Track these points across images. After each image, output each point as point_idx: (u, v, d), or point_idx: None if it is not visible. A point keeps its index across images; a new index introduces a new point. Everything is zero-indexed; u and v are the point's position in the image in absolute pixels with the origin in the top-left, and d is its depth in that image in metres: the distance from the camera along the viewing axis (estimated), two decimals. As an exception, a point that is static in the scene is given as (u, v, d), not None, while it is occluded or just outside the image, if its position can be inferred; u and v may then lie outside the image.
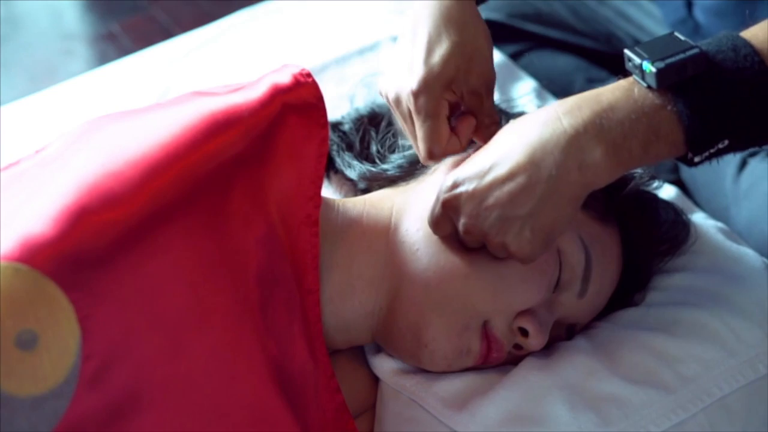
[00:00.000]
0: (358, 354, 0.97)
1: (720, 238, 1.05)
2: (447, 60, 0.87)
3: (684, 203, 1.13)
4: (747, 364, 0.90)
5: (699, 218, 1.09)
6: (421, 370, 0.91)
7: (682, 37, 0.80)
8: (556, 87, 1.31)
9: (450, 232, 0.86)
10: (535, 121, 0.80)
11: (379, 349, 0.95)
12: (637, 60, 0.78)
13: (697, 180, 1.29)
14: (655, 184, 1.01)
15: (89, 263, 0.73)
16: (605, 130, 0.78)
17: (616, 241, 0.95)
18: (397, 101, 0.90)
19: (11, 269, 0.71)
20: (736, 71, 0.77)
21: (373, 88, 1.20)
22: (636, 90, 0.79)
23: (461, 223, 0.83)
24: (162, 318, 0.75)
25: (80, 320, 0.72)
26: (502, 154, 0.81)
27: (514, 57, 1.41)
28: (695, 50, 0.78)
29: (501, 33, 1.41)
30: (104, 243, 0.73)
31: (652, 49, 0.79)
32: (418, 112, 0.87)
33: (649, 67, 0.77)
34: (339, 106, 1.14)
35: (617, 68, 1.48)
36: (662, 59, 0.77)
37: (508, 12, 1.48)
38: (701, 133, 0.77)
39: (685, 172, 1.31)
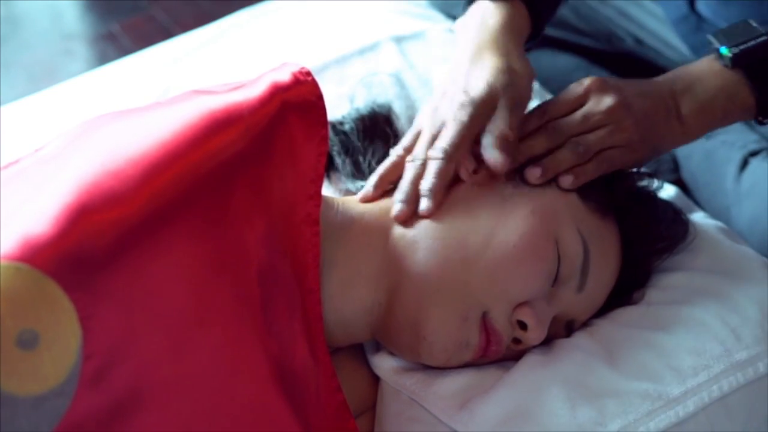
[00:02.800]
0: (359, 353, 0.97)
1: (720, 237, 1.05)
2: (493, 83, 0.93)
3: (685, 203, 1.13)
4: (747, 364, 0.90)
5: (699, 218, 1.09)
6: (422, 369, 0.91)
7: (754, 24, 0.99)
8: (555, 86, 1.31)
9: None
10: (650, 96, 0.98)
11: (379, 348, 0.95)
12: (716, 44, 0.99)
13: (698, 180, 1.29)
14: (655, 183, 1.02)
15: (90, 263, 0.73)
16: (695, 96, 0.99)
17: (615, 237, 0.95)
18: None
19: (12, 269, 0.71)
20: None
21: (374, 88, 1.20)
22: (716, 65, 1.00)
23: (599, 108, 0.95)
24: (163, 317, 0.75)
25: (81, 320, 0.72)
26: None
27: (515, 56, 1.41)
28: (764, 38, 0.98)
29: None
30: (105, 242, 0.73)
31: (730, 34, 0.99)
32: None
33: (726, 51, 0.98)
34: (339, 106, 1.14)
35: (618, 67, 1.49)
36: (736, 45, 0.98)
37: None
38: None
39: (686, 171, 1.31)
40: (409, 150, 0.96)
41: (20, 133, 1.25)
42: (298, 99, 0.87)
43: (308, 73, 0.89)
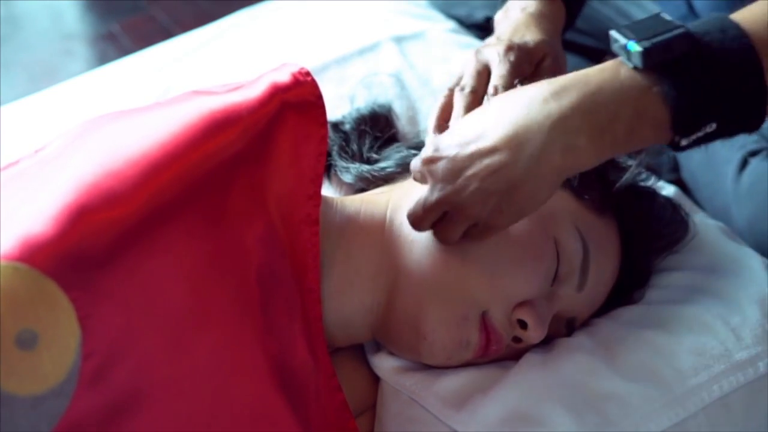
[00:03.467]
0: (359, 353, 0.97)
1: (720, 237, 1.05)
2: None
3: (685, 203, 1.13)
4: (747, 363, 0.91)
5: (699, 218, 1.09)
6: (422, 369, 0.91)
7: (668, 17, 0.79)
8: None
9: (430, 225, 0.87)
10: (522, 98, 0.80)
11: (379, 348, 0.95)
12: (622, 40, 0.78)
13: (698, 179, 1.29)
14: (653, 180, 1.02)
15: (89, 262, 0.73)
16: (591, 114, 0.77)
17: (615, 235, 0.95)
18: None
19: (11, 269, 0.71)
20: (724, 52, 0.76)
21: (374, 88, 1.20)
22: (622, 71, 0.78)
23: (437, 188, 0.84)
24: (162, 317, 0.75)
25: (80, 319, 0.72)
26: (486, 127, 0.81)
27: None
28: (681, 29, 0.77)
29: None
30: (104, 242, 0.73)
31: (638, 29, 0.78)
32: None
33: (634, 47, 0.77)
34: (339, 106, 1.14)
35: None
36: (648, 38, 0.77)
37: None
38: (687, 114, 0.76)
39: (686, 171, 1.31)
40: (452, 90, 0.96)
41: (20, 133, 1.25)
42: (298, 99, 0.87)
43: (308, 74, 0.89)
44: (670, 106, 0.76)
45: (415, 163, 0.87)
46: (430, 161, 0.84)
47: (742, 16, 0.79)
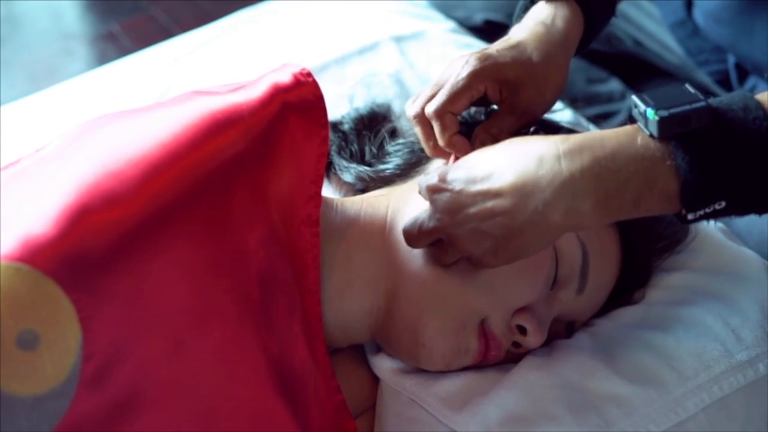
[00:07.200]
0: (359, 354, 0.97)
1: (720, 238, 1.05)
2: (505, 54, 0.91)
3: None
4: (747, 364, 0.90)
5: (699, 218, 1.09)
6: (421, 370, 0.91)
7: (692, 90, 0.77)
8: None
9: (426, 243, 0.86)
10: (536, 149, 0.79)
11: (379, 349, 0.95)
12: (642, 107, 0.76)
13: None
14: None
15: (90, 263, 0.73)
16: (601, 180, 0.76)
17: (614, 238, 0.95)
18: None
19: (12, 269, 0.71)
20: (743, 132, 0.74)
21: (373, 88, 1.20)
22: (639, 138, 0.76)
23: (436, 218, 0.84)
24: (162, 318, 0.75)
25: (81, 320, 0.72)
26: (496, 170, 0.80)
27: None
28: (702, 103, 0.75)
29: (501, 33, 1.41)
30: (105, 243, 0.73)
31: (660, 97, 0.77)
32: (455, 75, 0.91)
33: (652, 115, 0.75)
34: (339, 106, 1.14)
35: (617, 68, 1.48)
36: (667, 108, 0.75)
37: (507, 12, 1.48)
38: (696, 190, 0.74)
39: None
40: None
41: (20, 133, 1.25)
42: (299, 100, 0.87)
43: (309, 74, 0.89)
44: (680, 179, 0.74)
45: (421, 185, 0.86)
46: (435, 190, 0.84)
47: (766, 99, 0.77)
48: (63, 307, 0.72)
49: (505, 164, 0.80)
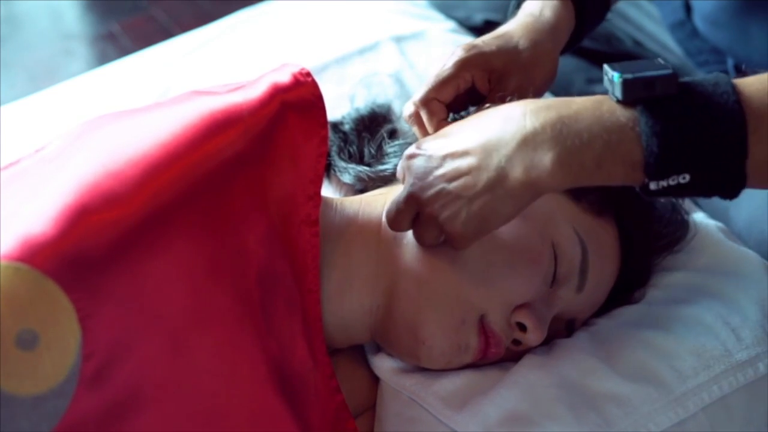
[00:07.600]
0: (358, 354, 0.97)
1: (720, 237, 1.05)
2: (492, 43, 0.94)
3: (684, 203, 1.13)
4: (747, 364, 0.91)
5: (699, 218, 1.09)
6: (421, 369, 0.91)
7: (662, 62, 0.78)
8: (555, 87, 1.31)
9: (406, 226, 0.87)
10: (505, 111, 0.81)
11: (378, 349, 0.95)
12: (610, 73, 0.77)
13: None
14: None
15: (90, 263, 0.73)
16: (563, 136, 0.76)
17: (614, 236, 0.95)
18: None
19: (11, 269, 0.71)
20: (709, 104, 0.74)
21: (373, 88, 1.20)
22: (606, 104, 0.77)
23: (408, 184, 0.85)
24: (162, 317, 0.75)
25: (81, 320, 0.72)
26: (465, 131, 0.83)
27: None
28: (667, 71, 0.76)
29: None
30: (104, 242, 0.73)
31: (630, 66, 0.78)
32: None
33: (617, 78, 0.76)
34: (339, 106, 1.14)
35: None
36: (632, 73, 0.76)
37: (507, 12, 1.48)
38: (659, 156, 0.74)
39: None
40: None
41: (20, 133, 1.25)
42: (298, 100, 0.87)
43: (308, 74, 0.89)
44: (642, 145, 0.74)
45: (401, 162, 0.88)
46: (411, 156, 0.86)
47: (743, 81, 0.77)
48: (62, 307, 0.72)
49: (474, 128, 0.82)
